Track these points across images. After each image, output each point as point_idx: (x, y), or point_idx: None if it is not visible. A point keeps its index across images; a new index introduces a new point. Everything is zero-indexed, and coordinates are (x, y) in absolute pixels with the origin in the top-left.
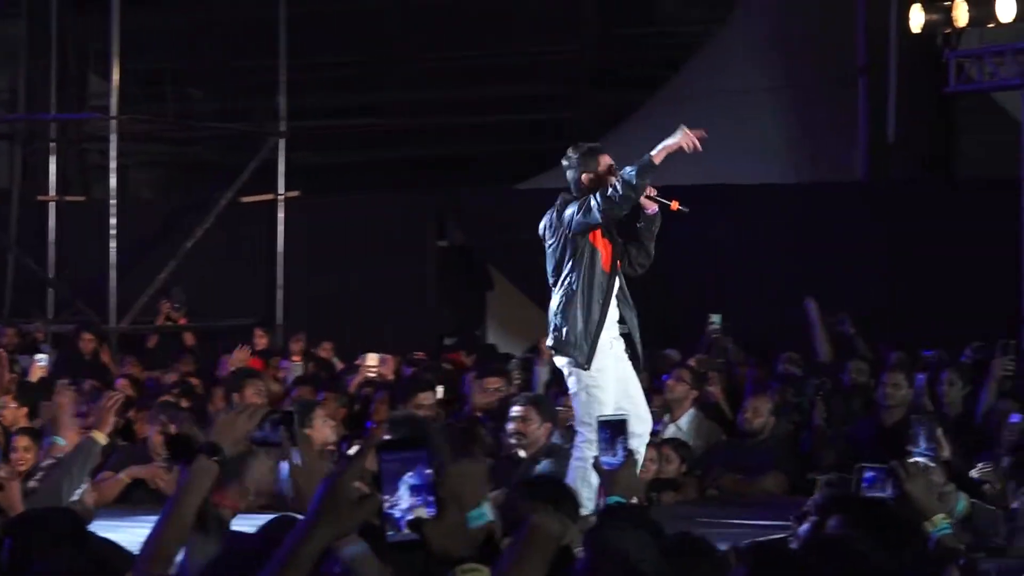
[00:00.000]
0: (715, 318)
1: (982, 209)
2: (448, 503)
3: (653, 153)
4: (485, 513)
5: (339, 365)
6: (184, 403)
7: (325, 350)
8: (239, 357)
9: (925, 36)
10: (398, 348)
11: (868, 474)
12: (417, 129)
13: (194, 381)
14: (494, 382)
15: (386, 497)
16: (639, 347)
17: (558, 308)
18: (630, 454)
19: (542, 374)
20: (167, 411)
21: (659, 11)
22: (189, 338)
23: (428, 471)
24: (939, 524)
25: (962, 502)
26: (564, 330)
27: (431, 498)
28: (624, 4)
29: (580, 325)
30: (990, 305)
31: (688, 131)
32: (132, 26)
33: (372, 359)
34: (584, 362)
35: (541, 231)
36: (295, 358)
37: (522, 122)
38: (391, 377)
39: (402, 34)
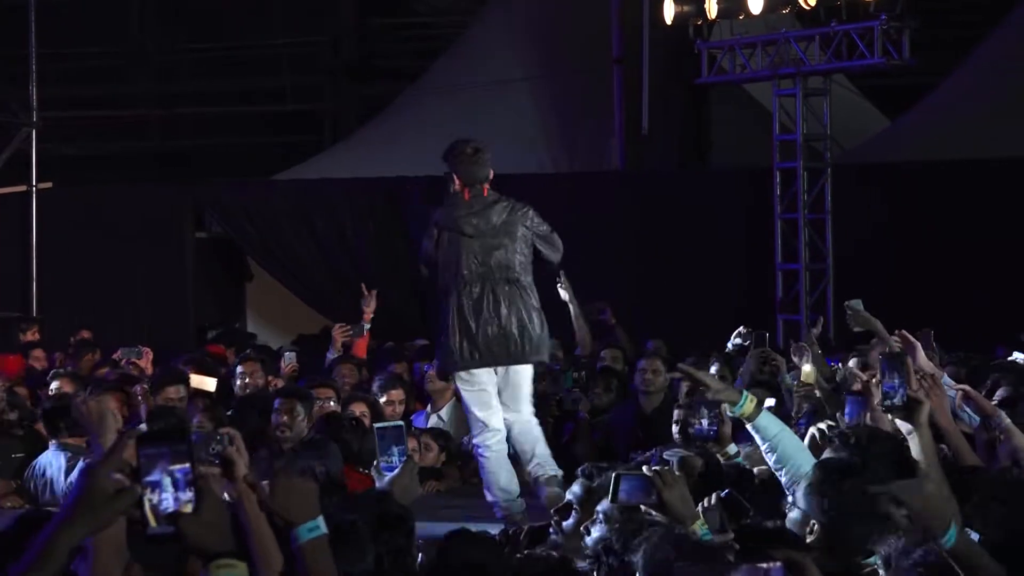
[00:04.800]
0: None
1: (736, 199)
2: (206, 496)
3: None
4: (319, 526)
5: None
6: None
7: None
8: None
9: (677, 27)
10: (156, 340)
11: (626, 484)
12: (173, 120)
13: None
14: (251, 366)
15: (145, 490)
16: None
17: (534, 308)
18: (408, 459)
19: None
20: None
21: (417, 2)
22: None
23: (187, 464)
24: (699, 531)
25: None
26: (545, 330)
27: (190, 492)
28: None
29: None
30: (749, 296)
31: None
32: None
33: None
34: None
35: (491, 225)
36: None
37: (278, 113)
38: (149, 370)
39: (161, 22)
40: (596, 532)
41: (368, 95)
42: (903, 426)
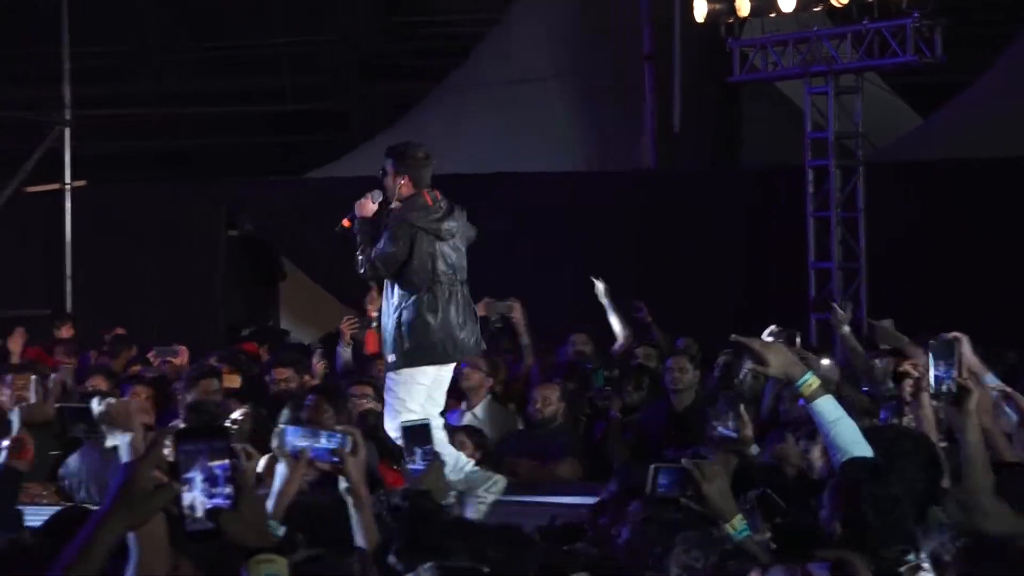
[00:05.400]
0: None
1: (768, 197)
2: (245, 492)
3: None
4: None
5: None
6: None
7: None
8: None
9: (709, 25)
10: (188, 338)
11: (664, 477)
12: (204, 119)
13: None
14: (283, 372)
15: (183, 486)
16: None
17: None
18: (435, 458)
19: (345, 354)
20: None
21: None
22: None
23: (226, 460)
24: (739, 527)
25: None
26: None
27: (228, 489)
28: None
29: None
30: (781, 294)
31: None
32: None
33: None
34: None
35: (459, 228)
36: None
37: (306, 112)
38: (185, 367)
39: (189, 22)
40: (626, 533)
41: (392, 93)
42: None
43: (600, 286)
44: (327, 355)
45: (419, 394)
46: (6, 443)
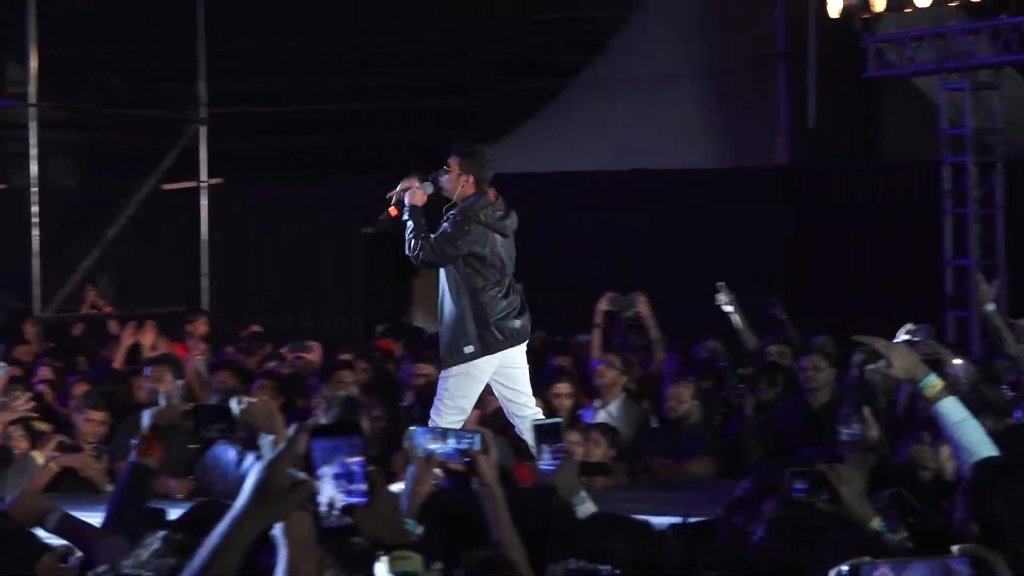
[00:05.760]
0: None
1: (904, 193)
2: (379, 488)
3: None
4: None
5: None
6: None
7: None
8: (145, 338)
9: (844, 21)
10: (325, 335)
11: (799, 481)
12: (338, 115)
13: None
14: (423, 368)
15: (320, 483)
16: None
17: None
18: (568, 456)
19: None
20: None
21: None
22: (113, 326)
23: (359, 458)
24: (877, 528)
25: None
26: None
27: (364, 485)
28: None
29: None
30: (917, 291)
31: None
32: (49, 12)
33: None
34: None
35: (496, 221)
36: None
37: (441, 108)
38: (318, 363)
39: (321, 19)
40: (760, 531)
41: (526, 89)
42: None
43: (723, 295)
44: None
45: (475, 392)
46: (134, 441)
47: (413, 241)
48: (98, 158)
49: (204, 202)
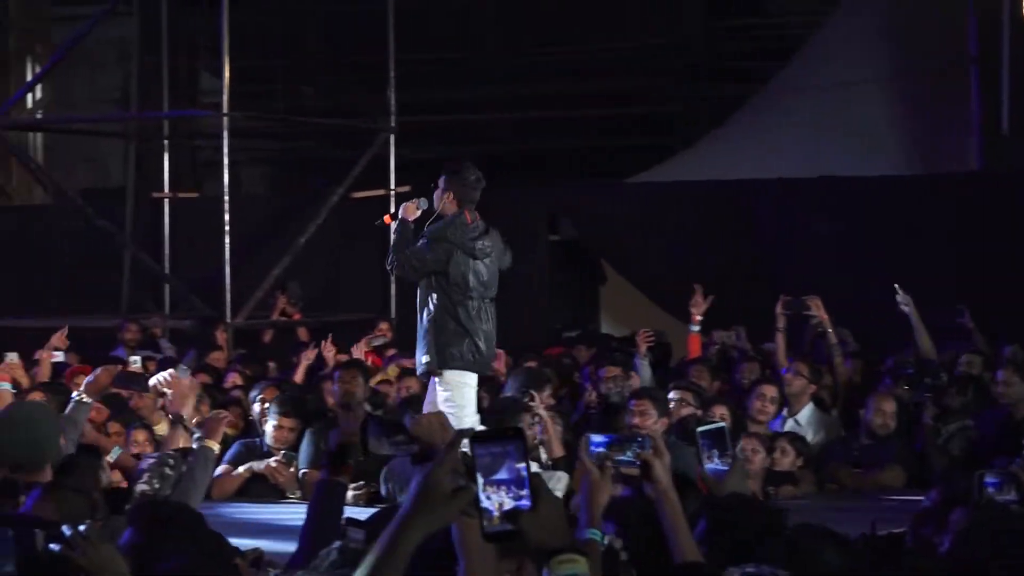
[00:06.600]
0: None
1: None
2: (543, 492)
3: None
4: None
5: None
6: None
7: None
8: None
9: None
10: (510, 343)
11: (990, 480)
12: (525, 123)
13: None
14: (612, 371)
15: (483, 488)
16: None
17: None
18: (736, 462)
19: (643, 367)
20: (284, 405)
21: (767, 2)
22: (303, 333)
23: (521, 464)
24: None
25: None
26: None
27: (525, 491)
28: None
29: None
30: None
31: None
32: (242, 23)
33: None
34: None
35: (492, 248)
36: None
37: (629, 116)
38: (503, 371)
39: (511, 28)
40: (948, 542)
41: (715, 96)
42: None
43: (900, 295)
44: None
45: (472, 398)
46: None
47: (392, 253)
48: (289, 166)
49: (392, 210)
